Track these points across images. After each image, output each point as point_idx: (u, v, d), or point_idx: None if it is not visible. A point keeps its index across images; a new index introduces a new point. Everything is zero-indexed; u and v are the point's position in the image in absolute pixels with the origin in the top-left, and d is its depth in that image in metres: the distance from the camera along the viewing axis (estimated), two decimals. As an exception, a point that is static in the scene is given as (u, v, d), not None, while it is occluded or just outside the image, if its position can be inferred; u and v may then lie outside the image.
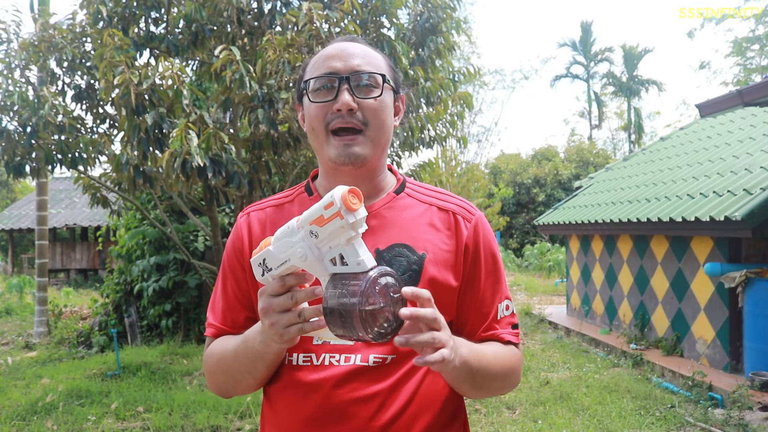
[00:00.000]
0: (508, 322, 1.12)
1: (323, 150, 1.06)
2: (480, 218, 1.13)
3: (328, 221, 0.79)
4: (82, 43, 5.24)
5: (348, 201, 0.78)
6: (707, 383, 5.04)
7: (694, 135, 8.73)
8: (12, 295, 11.59)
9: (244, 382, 1.07)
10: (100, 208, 6.10)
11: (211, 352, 1.12)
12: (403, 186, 1.14)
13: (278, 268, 0.86)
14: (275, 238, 0.88)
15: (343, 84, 1.02)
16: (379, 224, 1.07)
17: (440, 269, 1.06)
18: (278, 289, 0.86)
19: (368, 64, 1.05)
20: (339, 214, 0.78)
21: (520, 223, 21.25)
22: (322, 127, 1.04)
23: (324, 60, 1.06)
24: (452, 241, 1.09)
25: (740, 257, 5.50)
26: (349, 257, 0.80)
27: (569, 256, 9.21)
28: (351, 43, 1.09)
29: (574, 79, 32.52)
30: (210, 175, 4.06)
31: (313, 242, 0.82)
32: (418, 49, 5.47)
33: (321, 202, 0.80)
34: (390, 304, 0.80)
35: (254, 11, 4.82)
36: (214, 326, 1.14)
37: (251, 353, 0.99)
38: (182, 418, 4.54)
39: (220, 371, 1.10)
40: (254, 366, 1.01)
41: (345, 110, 1.01)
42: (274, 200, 1.18)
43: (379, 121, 1.05)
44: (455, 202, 1.13)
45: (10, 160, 5.09)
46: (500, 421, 4.55)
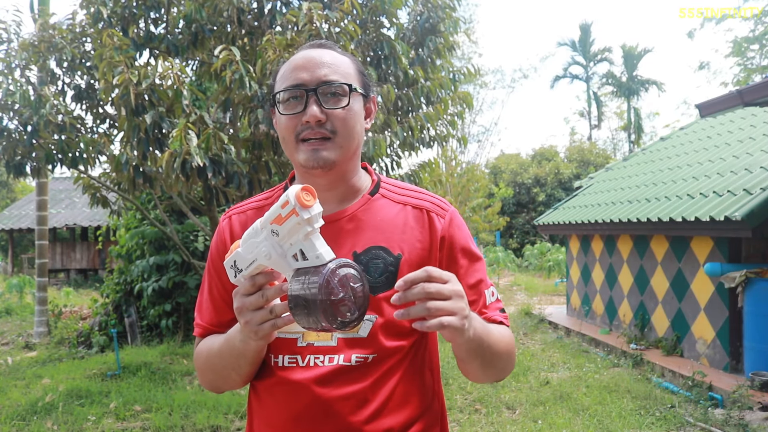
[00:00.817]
0: (496, 307, 1.16)
1: (294, 156, 1.09)
2: (453, 213, 1.17)
3: (285, 219, 0.84)
4: (81, 43, 5.24)
5: (302, 198, 0.82)
6: (707, 383, 5.04)
7: (694, 135, 8.74)
8: (12, 295, 11.59)
9: (230, 379, 1.12)
10: (100, 208, 6.10)
11: (200, 351, 1.17)
12: (378, 187, 1.17)
13: (247, 269, 0.90)
14: (243, 239, 0.92)
15: (310, 96, 1.05)
16: (355, 227, 1.10)
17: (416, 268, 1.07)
18: (249, 289, 0.91)
19: (335, 73, 1.07)
20: (294, 212, 0.82)
21: (520, 223, 21.26)
22: (293, 137, 1.08)
23: (292, 71, 1.08)
24: (427, 238, 1.12)
25: (740, 257, 5.50)
26: (308, 252, 0.84)
27: (569, 256, 9.21)
28: (318, 50, 1.11)
29: (573, 80, 32.53)
30: (210, 175, 4.06)
31: (275, 240, 0.86)
32: (418, 48, 5.47)
33: (278, 202, 0.85)
34: (351, 294, 0.83)
35: (254, 11, 4.82)
36: (201, 326, 1.19)
37: (234, 351, 1.04)
38: (182, 418, 4.54)
39: (208, 369, 1.15)
40: (238, 363, 1.06)
41: (313, 122, 1.05)
42: (255, 202, 1.21)
43: (348, 129, 1.08)
44: (429, 200, 1.17)
45: (11, 159, 5.10)
46: (500, 421, 4.55)
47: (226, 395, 5.02)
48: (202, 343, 1.17)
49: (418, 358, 1.13)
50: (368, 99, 1.15)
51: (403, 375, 1.09)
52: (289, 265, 0.87)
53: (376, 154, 4.66)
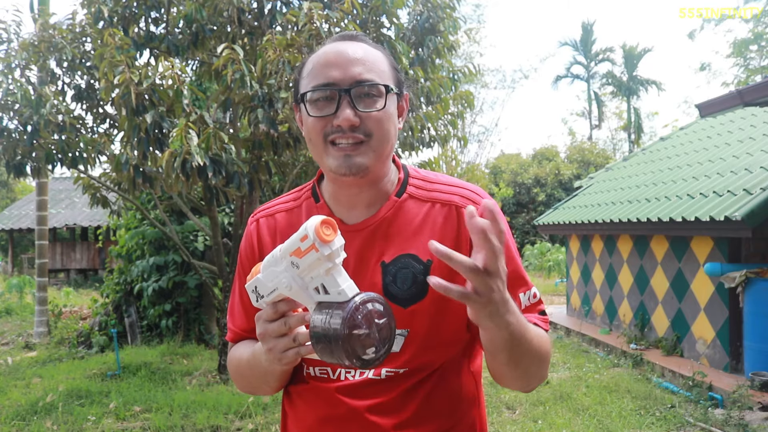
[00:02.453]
0: (536, 310, 1.06)
1: (323, 161, 1.01)
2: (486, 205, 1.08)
3: (305, 253, 0.80)
4: (81, 43, 5.24)
5: (321, 234, 0.78)
6: (707, 383, 5.04)
7: (694, 135, 8.74)
8: (12, 295, 11.59)
9: (261, 389, 1.12)
10: (100, 208, 6.10)
11: (232, 357, 1.16)
12: (405, 185, 1.08)
13: (269, 296, 0.88)
14: (263, 265, 0.89)
15: (343, 97, 0.97)
16: (383, 235, 1.04)
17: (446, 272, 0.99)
18: (272, 315, 0.88)
19: (370, 71, 0.99)
20: (314, 247, 0.78)
21: (520, 223, 21.26)
22: (321, 139, 0.99)
23: (322, 67, 0.99)
24: (455, 236, 1.03)
25: (740, 257, 5.50)
26: (329, 287, 0.81)
27: (569, 256, 9.21)
28: (350, 43, 1.02)
29: (574, 80, 32.54)
30: (210, 175, 4.06)
31: (295, 272, 0.83)
32: (418, 48, 5.47)
33: (297, 235, 0.81)
34: (375, 331, 0.79)
35: (254, 11, 4.82)
36: (233, 331, 1.16)
37: (261, 369, 1.02)
38: (182, 418, 4.54)
39: (239, 377, 1.14)
40: (266, 379, 1.06)
41: (346, 126, 0.96)
42: (284, 204, 1.14)
43: (383, 132, 1.00)
44: (459, 193, 1.07)
45: (11, 159, 5.09)
46: (500, 421, 4.55)
47: (226, 396, 5.02)
48: (234, 349, 1.15)
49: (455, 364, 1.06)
50: (401, 97, 1.07)
51: (435, 385, 1.04)
52: (311, 297, 0.83)
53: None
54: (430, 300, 1.00)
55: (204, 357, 6.69)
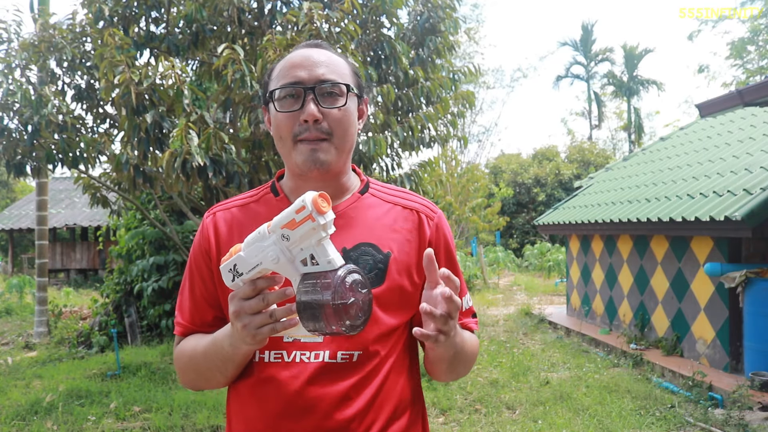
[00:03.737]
0: (470, 313, 1.22)
1: (290, 156, 1.10)
2: (441, 217, 1.20)
3: (299, 224, 0.85)
4: (81, 43, 5.24)
5: (318, 204, 0.84)
6: (707, 383, 5.04)
7: (694, 135, 8.74)
8: (12, 295, 11.58)
9: (213, 380, 1.12)
10: (100, 208, 6.11)
11: (182, 350, 1.16)
12: (367, 187, 1.19)
13: (249, 272, 0.90)
14: (245, 243, 0.91)
15: (308, 94, 1.06)
16: (345, 224, 1.11)
17: (404, 267, 1.11)
18: (249, 293, 0.90)
19: (332, 73, 1.09)
20: (310, 217, 0.83)
21: (520, 223, 21.26)
22: (290, 137, 1.08)
23: (289, 69, 1.09)
24: (416, 238, 1.14)
25: (740, 257, 5.50)
26: (319, 257, 0.86)
27: (569, 256, 9.21)
28: (315, 49, 1.12)
29: (574, 80, 32.53)
30: (210, 175, 4.06)
31: (285, 245, 0.87)
32: (418, 48, 5.47)
33: (292, 207, 0.85)
34: (359, 299, 0.85)
35: (254, 11, 4.82)
36: (182, 325, 1.18)
37: (220, 355, 1.04)
38: (182, 418, 4.54)
39: (190, 369, 1.14)
40: (224, 366, 1.06)
41: (311, 120, 1.05)
42: (240, 200, 1.21)
43: (343, 129, 1.09)
44: (418, 201, 1.19)
45: (11, 159, 5.09)
46: (500, 421, 4.55)
47: (226, 396, 5.01)
48: (183, 342, 1.17)
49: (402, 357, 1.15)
50: (361, 100, 1.17)
51: (387, 374, 1.10)
52: (297, 269, 0.87)
53: (377, 154, 4.66)
54: (387, 288, 1.09)
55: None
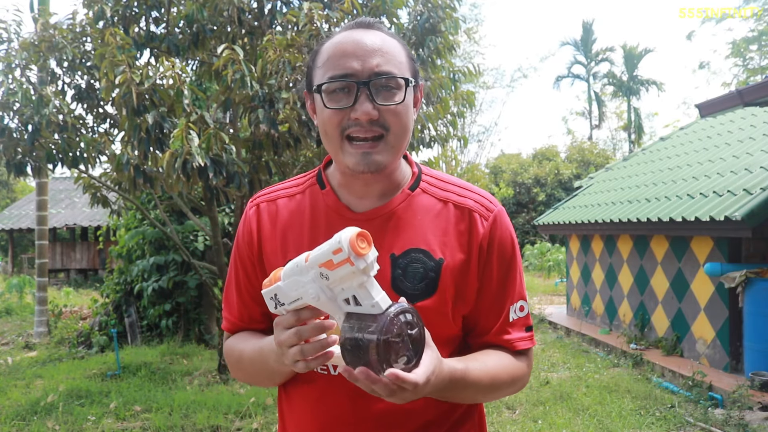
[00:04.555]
0: (523, 325, 1.07)
1: (338, 156, 0.99)
2: (499, 214, 1.06)
3: (337, 266, 0.77)
4: (82, 43, 5.24)
5: (357, 247, 0.76)
6: (707, 383, 5.04)
7: (694, 135, 8.74)
8: (12, 295, 11.58)
9: (263, 384, 1.10)
10: (100, 208, 6.11)
11: (231, 349, 1.11)
12: (419, 180, 1.07)
13: (291, 304, 0.85)
14: (284, 273, 0.85)
15: (362, 90, 0.93)
16: (394, 226, 1.02)
17: (458, 275, 1.01)
18: (292, 323, 0.85)
19: (389, 63, 0.96)
20: (349, 261, 0.76)
21: (520, 223, 21.25)
22: (338, 133, 0.96)
23: (339, 57, 0.96)
24: (468, 242, 1.03)
25: (740, 257, 5.50)
26: (362, 300, 0.79)
27: (569, 256, 9.21)
28: (368, 32, 0.98)
29: (574, 80, 32.52)
30: (211, 176, 4.06)
31: (325, 284, 0.80)
32: (418, 48, 5.47)
33: (328, 246, 0.78)
34: (407, 342, 0.79)
35: (254, 11, 4.82)
36: (230, 321, 1.13)
37: (267, 366, 1.00)
38: (182, 418, 4.54)
39: (239, 370, 1.10)
40: (271, 375, 1.04)
41: (365, 120, 0.94)
42: (284, 190, 1.11)
43: (401, 125, 0.97)
44: (473, 198, 1.06)
45: (12, 158, 5.09)
46: (500, 421, 4.55)
47: (226, 395, 5.02)
48: (232, 341, 1.11)
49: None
50: (417, 88, 1.03)
51: None
52: (340, 308, 0.81)
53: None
54: (439, 298, 0.99)
55: (204, 357, 6.69)
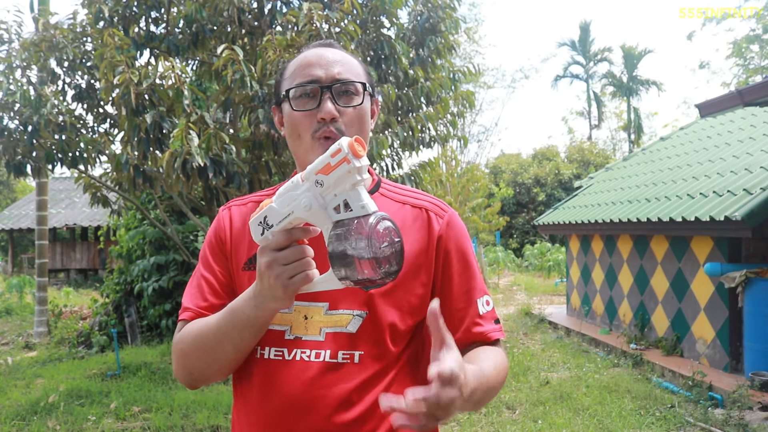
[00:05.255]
0: (491, 318, 1.14)
1: (307, 156, 1.07)
2: (452, 215, 1.16)
3: (335, 167, 0.83)
4: (82, 43, 5.24)
5: (355, 147, 0.82)
6: (707, 383, 5.04)
7: (694, 135, 8.74)
8: (12, 295, 11.58)
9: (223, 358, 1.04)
10: (100, 207, 6.11)
11: (187, 331, 1.09)
12: (378, 186, 1.17)
13: (280, 223, 0.89)
14: (277, 194, 0.90)
15: (325, 92, 1.06)
16: None
17: (414, 267, 1.09)
18: (283, 242, 0.89)
19: (348, 72, 1.09)
20: (346, 159, 0.82)
21: (520, 223, 21.26)
22: (309, 135, 1.07)
23: (304, 67, 1.09)
24: (425, 237, 1.11)
25: (740, 257, 5.50)
26: (353, 202, 0.84)
27: (569, 256, 9.21)
28: (329, 49, 1.12)
29: (573, 80, 32.52)
30: (210, 176, 4.06)
31: (318, 191, 0.85)
32: (418, 49, 5.47)
33: (328, 152, 0.84)
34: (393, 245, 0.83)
35: (254, 11, 4.82)
36: (191, 310, 1.12)
37: (239, 322, 0.98)
38: (182, 418, 4.54)
39: (195, 349, 1.06)
40: (240, 336, 1.00)
41: (328, 119, 1.05)
42: (255, 197, 1.21)
43: (359, 128, 1.09)
44: (428, 200, 1.16)
45: (11, 159, 5.09)
46: (500, 421, 4.55)
47: (226, 395, 5.02)
48: (189, 325, 1.10)
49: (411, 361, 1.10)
50: (373, 100, 1.17)
51: (393, 378, 1.06)
52: (329, 216, 0.85)
53: (378, 154, 4.66)
54: (393, 287, 1.06)
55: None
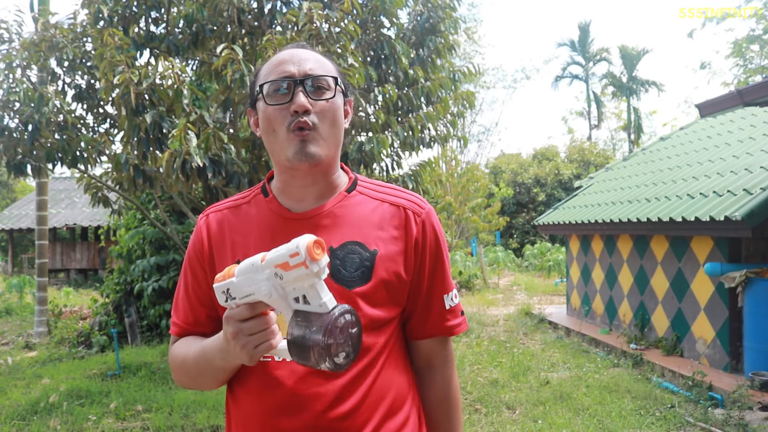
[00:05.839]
0: (458, 311, 1.21)
1: (282, 150, 1.10)
2: (429, 212, 1.19)
3: (293, 268, 0.85)
4: (83, 43, 5.24)
5: (312, 252, 0.84)
6: (707, 383, 5.04)
7: (694, 135, 8.74)
8: (12, 295, 11.58)
9: (206, 385, 1.15)
10: (100, 207, 6.11)
11: (176, 353, 1.18)
12: (355, 184, 1.19)
13: (243, 299, 0.92)
14: (239, 270, 0.92)
15: (297, 86, 1.09)
16: (332, 223, 1.13)
17: (391, 265, 1.12)
18: (247, 315, 0.92)
19: (320, 68, 1.12)
20: (304, 264, 0.83)
21: (520, 223, 21.26)
22: (283, 128, 1.09)
23: (277, 65, 1.12)
24: (402, 236, 1.14)
25: (740, 257, 5.50)
26: (311, 299, 0.87)
27: (569, 256, 9.21)
28: (302, 49, 1.16)
29: (573, 80, 32.51)
30: (210, 175, 4.06)
31: (278, 282, 0.88)
32: (418, 48, 5.47)
33: (286, 250, 0.85)
34: (348, 339, 0.87)
35: (254, 11, 4.82)
36: (177, 325, 1.21)
37: (211, 366, 1.07)
38: (182, 418, 4.54)
39: (183, 372, 1.16)
40: (215, 375, 1.09)
41: (301, 111, 1.07)
42: (231, 201, 1.24)
43: (331, 120, 1.11)
44: (406, 197, 1.19)
45: (12, 159, 5.09)
46: (500, 421, 4.55)
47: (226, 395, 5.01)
48: (178, 344, 1.19)
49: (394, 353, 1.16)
50: (347, 100, 1.19)
51: (380, 370, 1.11)
52: (290, 306, 0.89)
53: (378, 154, 4.66)
54: (374, 285, 1.10)
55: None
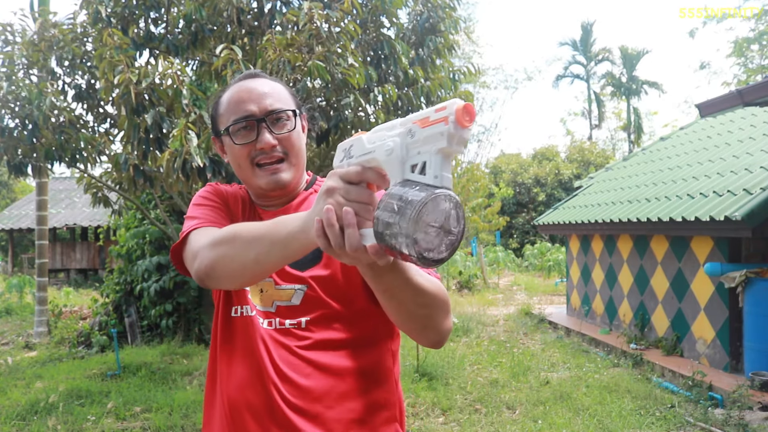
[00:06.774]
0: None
1: (252, 181, 1.21)
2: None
3: (431, 123, 0.75)
4: (83, 43, 5.24)
5: (461, 114, 0.73)
6: (707, 383, 5.04)
7: (694, 135, 8.74)
8: (12, 295, 11.58)
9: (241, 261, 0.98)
10: (100, 207, 6.10)
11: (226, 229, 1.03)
12: (312, 184, 1.31)
13: (359, 157, 0.85)
14: (373, 129, 0.86)
15: (261, 125, 1.18)
16: None
17: None
18: (353, 177, 0.82)
19: (278, 101, 1.20)
20: (445, 120, 0.73)
21: (520, 223, 21.26)
22: (248, 163, 1.19)
23: (237, 104, 1.20)
24: None
25: (740, 257, 5.50)
26: (431, 167, 0.75)
27: (569, 256, 9.21)
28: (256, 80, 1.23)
29: (574, 80, 32.52)
30: (210, 175, 4.06)
31: (407, 141, 0.79)
32: (418, 48, 5.47)
33: (435, 106, 0.76)
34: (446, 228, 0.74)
35: (254, 11, 4.81)
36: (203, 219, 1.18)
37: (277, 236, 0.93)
38: (182, 418, 4.54)
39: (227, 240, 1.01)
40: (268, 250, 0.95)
41: (268, 148, 1.18)
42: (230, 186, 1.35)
43: (297, 148, 1.22)
44: None
45: (11, 158, 5.09)
46: (500, 420, 4.55)
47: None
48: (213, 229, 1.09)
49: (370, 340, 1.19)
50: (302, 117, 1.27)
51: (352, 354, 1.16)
52: (403, 172, 0.78)
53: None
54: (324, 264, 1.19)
55: (204, 357, 6.69)
